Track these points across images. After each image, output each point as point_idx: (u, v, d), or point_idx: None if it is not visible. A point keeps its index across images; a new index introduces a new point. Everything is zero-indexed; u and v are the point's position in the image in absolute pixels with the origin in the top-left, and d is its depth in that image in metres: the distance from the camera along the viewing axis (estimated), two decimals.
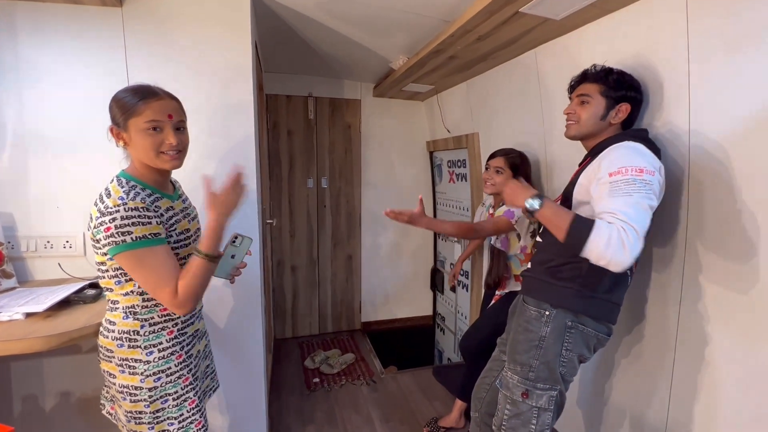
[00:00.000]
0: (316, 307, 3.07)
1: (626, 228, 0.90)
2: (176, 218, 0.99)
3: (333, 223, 3.03)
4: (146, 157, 0.93)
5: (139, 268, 0.89)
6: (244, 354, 1.65)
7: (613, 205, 0.94)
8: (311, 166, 2.94)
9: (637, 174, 0.96)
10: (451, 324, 2.97)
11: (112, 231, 0.86)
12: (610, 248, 0.89)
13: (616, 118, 1.15)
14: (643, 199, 0.95)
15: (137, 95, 0.92)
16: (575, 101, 1.20)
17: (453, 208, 2.86)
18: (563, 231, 0.99)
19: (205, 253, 0.92)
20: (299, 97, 2.86)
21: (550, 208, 1.04)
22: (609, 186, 0.97)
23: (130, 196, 0.89)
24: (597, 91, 1.15)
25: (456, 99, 2.54)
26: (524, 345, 1.14)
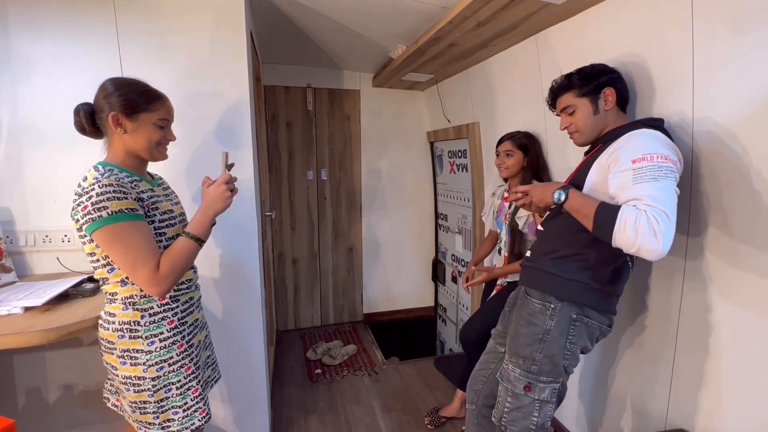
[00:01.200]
0: (318, 299, 3.07)
1: (656, 213, 0.85)
2: (158, 199, 1.01)
3: (333, 215, 3.02)
4: (146, 147, 0.99)
5: (117, 243, 0.88)
6: (245, 346, 1.65)
7: (639, 192, 0.90)
8: (311, 158, 2.92)
9: (663, 161, 0.92)
10: (452, 315, 2.98)
11: (88, 208, 0.87)
12: (639, 235, 0.85)
13: (608, 104, 1.13)
14: (670, 184, 0.91)
15: (151, 94, 0.99)
16: (563, 116, 1.21)
17: (454, 199, 2.84)
18: (590, 220, 0.96)
19: (193, 234, 0.97)
20: (298, 88, 2.83)
21: (577, 198, 1.02)
22: (633, 173, 0.93)
23: (105, 175, 0.90)
24: (574, 96, 1.16)
25: (456, 88, 2.51)
26: (527, 338, 1.13)
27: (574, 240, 1.10)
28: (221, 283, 1.59)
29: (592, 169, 1.08)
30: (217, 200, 1.00)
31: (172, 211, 1.04)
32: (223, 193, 1.00)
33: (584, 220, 0.99)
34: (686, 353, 1.21)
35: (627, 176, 0.94)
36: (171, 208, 1.05)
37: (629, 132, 1.05)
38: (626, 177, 0.94)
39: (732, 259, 1.07)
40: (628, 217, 0.87)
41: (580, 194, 1.03)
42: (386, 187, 3.11)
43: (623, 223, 0.87)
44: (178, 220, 1.06)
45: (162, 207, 1.00)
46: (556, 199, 1.05)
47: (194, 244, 0.97)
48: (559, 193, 1.05)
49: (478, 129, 2.34)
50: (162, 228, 0.98)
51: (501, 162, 1.78)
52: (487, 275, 1.78)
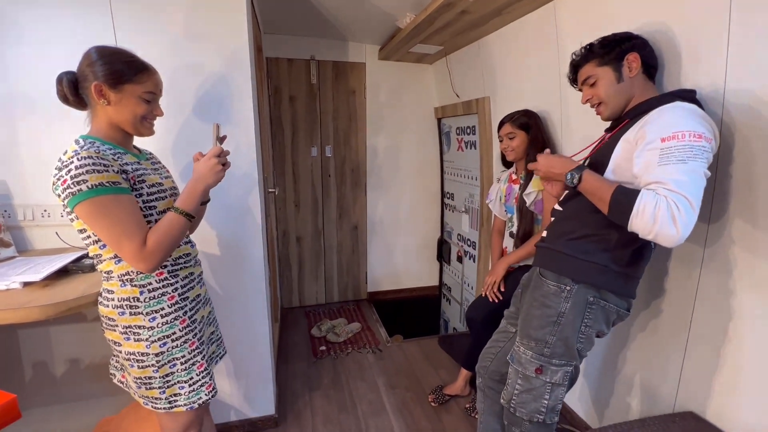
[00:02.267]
0: (322, 277, 3.07)
1: (677, 199, 0.81)
2: (145, 172, 0.96)
3: (338, 192, 2.97)
4: (130, 121, 0.95)
5: (99, 217, 0.85)
6: (250, 322, 1.64)
7: (664, 174, 0.84)
8: (314, 133, 2.85)
9: (696, 140, 0.85)
10: (457, 294, 2.97)
11: (68, 182, 0.83)
12: (657, 222, 0.81)
13: (632, 70, 1.05)
14: (700, 167, 0.85)
15: (138, 65, 0.94)
16: (585, 88, 1.13)
17: (461, 178, 2.78)
18: (606, 204, 0.92)
19: (182, 209, 0.93)
20: (301, 60, 2.72)
21: (592, 181, 0.97)
22: (659, 152, 0.87)
23: (84, 147, 0.86)
24: (595, 66, 1.08)
25: (466, 60, 2.40)
26: (540, 320, 1.09)
27: (593, 220, 1.04)
28: (225, 259, 1.56)
29: (618, 146, 1.02)
30: (208, 174, 0.95)
31: (162, 184, 1.00)
32: (213, 167, 0.96)
33: (599, 204, 0.95)
34: (701, 338, 1.18)
35: (653, 155, 0.88)
36: (160, 181, 1.00)
37: (661, 106, 0.97)
38: (652, 156, 0.88)
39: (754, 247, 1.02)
40: (648, 202, 0.83)
41: (596, 176, 0.98)
42: (392, 165, 3.04)
43: (641, 209, 0.84)
44: (169, 193, 1.02)
45: (149, 180, 0.96)
46: (569, 181, 1.00)
47: (182, 220, 0.93)
48: (571, 175, 1.00)
49: (488, 104, 2.24)
50: (151, 201, 0.95)
51: (506, 146, 1.73)
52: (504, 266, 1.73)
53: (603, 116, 1.12)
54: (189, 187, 0.96)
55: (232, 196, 1.52)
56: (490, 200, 1.95)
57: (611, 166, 1.02)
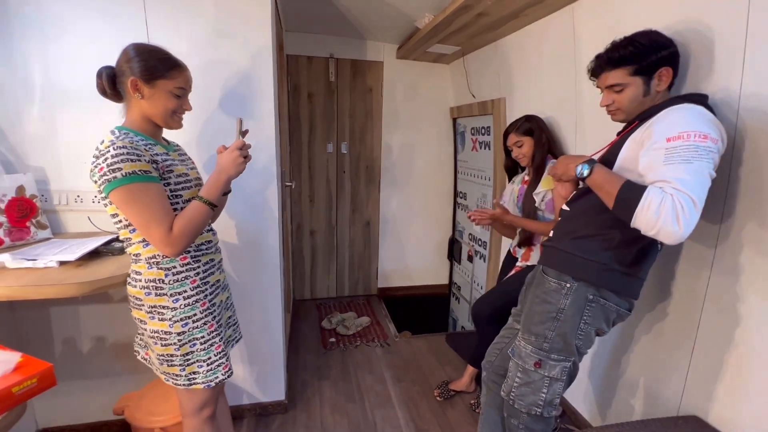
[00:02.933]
0: (334, 271, 3.13)
1: (681, 198, 0.83)
2: (173, 163, 1.03)
3: (352, 189, 3.03)
4: (161, 114, 1.01)
5: (131, 203, 0.91)
6: (264, 311, 1.71)
7: (669, 173, 0.86)
8: (331, 130, 2.91)
9: (701, 140, 0.87)
10: (466, 293, 2.99)
11: (104, 170, 0.90)
12: (661, 218, 0.83)
13: (660, 85, 1.04)
14: (705, 168, 0.86)
15: (171, 62, 1.00)
16: (607, 92, 1.09)
17: (475, 178, 2.80)
18: (612, 198, 0.94)
19: (205, 199, 0.99)
20: (320, 58, 2.78)
21: (601, 174, 0.99)
22: (665, 152, 0.88)
23: (120, 138, 0.93)
24: (627, 74, 1.03)
25: (483, 61, 2.42)
26: (541, 316, 1.12)
27: (597, 220, 1.07)
28: (243, 249, 1.63)
29: (625, 146, 1.04)
30: (230, 165, 1.01)
31: (188, 174, 1.07)
32: (236, 159, 1.01)
33: (606, 197, 0.97)
34: (708, 343, 1.18)
35: (659, 155, 0.90)
36: (186, 171, 1.07)
37: (668, 107, 0.99)
38: (658, 156, 0.90)
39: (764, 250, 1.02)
40: (653, 198, 0.85)
41: (606, 170, 1.00)
42: (406, 163, 3.08)
43: (647, 204, 0.85)
44: (194, 183, 1.08)
45: (177, 170, 1.03)
46: (579, 173, 1.02)
47: (206, 208, 0.99)
48: (582, 167, 1.02)
49: (503, 105, 2.26)
50: (177, 190, 1.01)
51: (517, 154, 1.76)
52: (502, 213, 1.74)
53: (617, 119, 1.14)
54: (212, 177, 1.02)
55: (251, 188, 1.59)
56: (504, 201, 1.97)
57: (618, 164, 1.04)
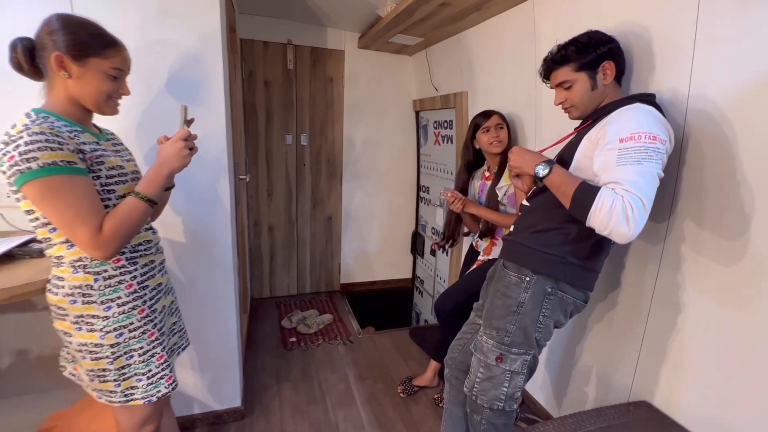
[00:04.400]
0: (295, 267, 3.02)
1: (631, 199, 0.87)
2: (104, 154, 0.90)
3: (313, 182, 2.92)
4: (94, 97, 0.89)
5: (51, 199, 0.79)
6: (217, 313, 1.59)
7: (620, 174, 0.90)
8: (290, 121, 2.78)
9: (651, 141, 0.91)
10: (429, 287, 3.00)
11: (15, 159, 0.76)
12: (612, 219, 0.87)
13: (607, 78, 1.08)
14: (654, 168, 0.91)
15: (106, 39, 0.89)
16: (559, 90, 1.15)
17: (437, 171, 2.79)
18: (568, 198, 0.97)
19: (143, 195, 0.88)
20: (278, 44, 2.63)
21: (559, 174, 1.01)
22: (617, 153, 0.92)
23: (37, 122, 0.80)
24: (572, 71, 1.09)
25: (446, 54, 2.39)
26: (502, 310, 1.12)
27: (555, 214, 1.08)
28: (191, 247, 1.50)
29: (581, 145, 1.07)
30: (173, 158, 0.91)
31: (122, 167, 0.94)
32: (180, 151, 0.91)
33: (562, 198, 0.99)
34: (656, 331, 1.24)
35: (611, 156, 0.93)
36: (121, 164, 0.94)
37: (621, 107, 1.02)
38: (611, 157, 0.94)
39: (699, 246, 1.09)
40: (605, 200, 0.88)
41: (564, 171, 1.02)
42: (368, 156, 3.01)
43: (600, 206, 0.89)
44: (131, 177, 0.96)
45: (109, 162, 0.90)
46: (539, 173, 1.03)
47: (143, 205, 0.88)
48: (543, 167, 1.03)
49: (466, 99, 2.25)
50: (110, 185, 0.89)
51: (495, 135, 1.72)
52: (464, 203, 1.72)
53: (572, 117, 1.17)
54: (152, 171, 0.90)
55: (200, 182, 1.46)
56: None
57: (574, 163, 1.07)
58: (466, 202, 1.72)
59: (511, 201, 1.70)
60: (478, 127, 1.77)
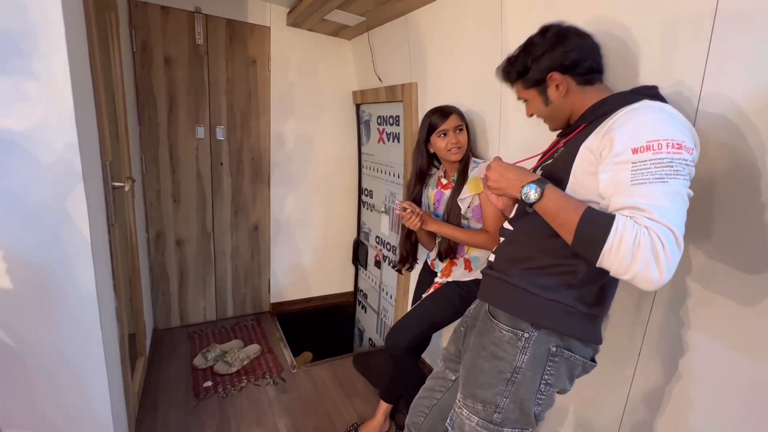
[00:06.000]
0: (212, 288, 2.49)
1: (661, 231, 0.62)
2: None
3: (233, 185, 2.42)
4: None
5: None
6: (73, 377, 1.08)
7: (640, 198, 0.65)
8: (202, 110, 2.24)
9: (675, 151, 0.66)
10: (374, 302, 2.68)
11: None
12: (637, 260, 0.62)
13: (560, 91, 0.86)
14: (682, 187, 0.66)
15: None
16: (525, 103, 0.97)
17: (383, 174, 2.46)
18: (570, 231, 0.69)
19: None
20: (181, 11, 2.09)
21: (554, 199, 0.73)
22: (632, 168, 0.67)
23: None
24: (522, 88, 0.93)
25: (391, 38, 2.06)
26: (490, 377, 0.82)
27: (554, 245, 0.80)
28: (21, 292, 0.98)
29: (578, 156, 0.79)
30: None
31: None
32: None
33: (562, 230, 0.73)
34: (650, 374, 1.04)
35: (623, 172, 0.68)
36: None
37: (627, 106, 0.76)
38: (622, 173, 0.68)
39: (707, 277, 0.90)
40: (626, 233, 0.63)
41: (560, 194, 0.75)
42: (301, 155, 2.58)
43: (618, 242, 0.64)
44: None
45: None
46: (526, 196, 0.76)
47: None
48: (532, 189, 0.75)
49: (415, 91, 1.95)
50: None
51: (454, 140, 1.42)
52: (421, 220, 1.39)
53: (553, 130, 0.94)
54: None
55: (34, 196, 0.95)
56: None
57: (571, 181, 0.79)
58: (425, 217, 1.40)
59: (476, 214, 1.43)
60: (433, 128, 1.46)
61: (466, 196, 1.41)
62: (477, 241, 1.37)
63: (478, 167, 1.43)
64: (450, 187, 1.49)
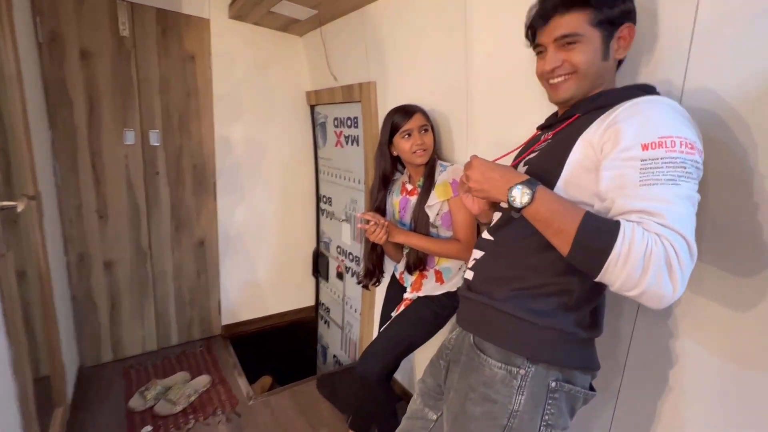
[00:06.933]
0: (151, 314, 2.19)
1: (675, 240, 0.54)
2: None
3: (173, 196, 2.14)
4: None
5: None
6: None
7: (650, 201, 0.57)
8: (130, 112, 1.95)
9: (689, 151, 0.59)
10: (337, 316, 2.50)
11: None
12: (649, 273, 0.53)
13: (620, 51, 0.75)
14: (693, 191, 0.59)
15: None
16: (555, 47, 0.75)
17: (341, 179, 2.30)
18: (567, 240, 0.59)
19: None
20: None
21: (547, 203, 0.62)
22: (641, 165, 0.59)
23: None
24: (585, 22, 0.72)
25: (347, 34, 1.92)
26: (482, 424, 0.70)
27: (548, 260, 0.70)
28: None
29: (575, 149, 0.69)
30: None
31: None
32: None
33: (555, 238, 0.62)
34: (637, 389, 0.98)
35: (631, 170, 0.60)
36: None
37: (633, 99, 0.67)
38: (630, 171, 0.60)
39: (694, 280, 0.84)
40: (635, 242, 0.54)
41: (554, 197, 0.64)
42: (251, 161, 2.36)
43: (626, 252, 0.54)
44: None
45: None
46: (515, 201, 0.64)
47: None
48: (521, 192, 0.64)
49: (374, 91, 1.82)
50: None
51: (419, 142, 1.30)
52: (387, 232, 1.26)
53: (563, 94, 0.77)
54: None
55: None
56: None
57: (564, 177, 0.69)
58: (391, 228, 1.27)
59: (445, 222, 1.32)
60: (396, 129, 1.34)
61: (435, 202, 1.30)
62: (449, 252, 1.26)
63: (446, 171, 1.32)
64: (416, 193, 1.37)
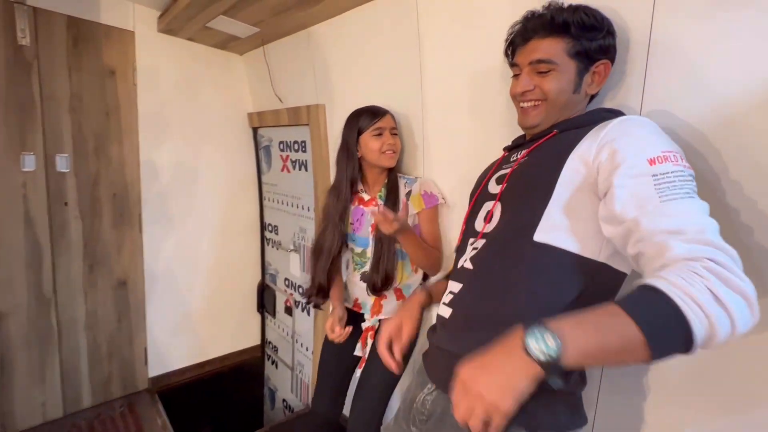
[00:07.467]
0: (56, 373, 1.81)
1: (726, 260, 0.48)
2: None
3: (86, 231, 1.83)
4: None
5: None
6: None
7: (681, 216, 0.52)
8: (30, 133, 1.65)
9: (687, 164, 0.58)
10: (286, 356, 2.29)
11: None
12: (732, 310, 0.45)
13: (593, 87, 0.73)
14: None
15: None
16: (529, 71, 0.73)
17: (288, 206, 2.14)
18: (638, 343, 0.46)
19: None
20: None
21: (583, 334, 0.48)
22: (654, 181, 0.55)
23: None
24: (563, 50, 0.71)
25: (293, 54, 1.82)
26: None
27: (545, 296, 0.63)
28: None
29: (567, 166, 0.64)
30: None
31: None
32: None
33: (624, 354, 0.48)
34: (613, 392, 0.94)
35: (645, 186, 0.56)
36: None
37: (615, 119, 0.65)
38: (643, 187, 0.56)
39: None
40: (691, 288, 0.45)
41: (583, 321, 0.49)
42: (182, 188, 2.11)
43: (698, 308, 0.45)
44: None
45: None
46: (541, 354, 0.47)
47: None
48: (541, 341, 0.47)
49: (323, 114, 1.72)
50: None
51: (390, 142, 1.22)
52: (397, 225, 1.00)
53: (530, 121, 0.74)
54: None
55: None
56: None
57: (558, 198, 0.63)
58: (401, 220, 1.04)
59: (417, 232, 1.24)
60: (364, 128, 1.24)
61: (412, 213, 1.22)
62: (436, 259, 1.22)
63: (416, 183, 1.26)
64: (373, 204, 1.27)
